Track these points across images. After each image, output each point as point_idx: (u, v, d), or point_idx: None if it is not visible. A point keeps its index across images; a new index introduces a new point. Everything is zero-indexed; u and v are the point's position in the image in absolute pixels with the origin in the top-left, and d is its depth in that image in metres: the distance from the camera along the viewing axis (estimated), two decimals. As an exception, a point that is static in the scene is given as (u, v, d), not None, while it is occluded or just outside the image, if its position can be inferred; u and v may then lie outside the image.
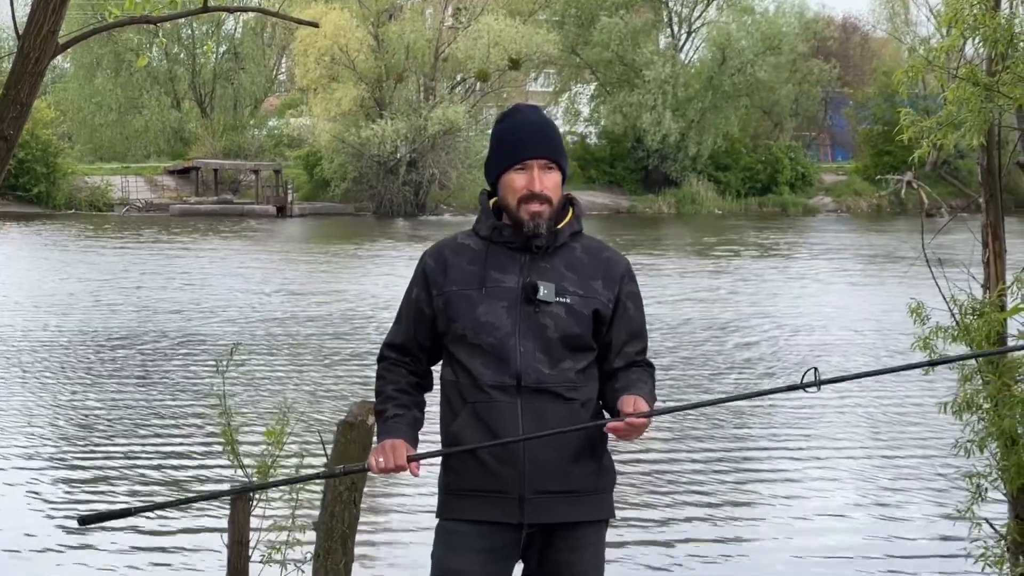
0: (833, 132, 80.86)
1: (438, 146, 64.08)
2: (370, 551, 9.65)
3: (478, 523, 4.05)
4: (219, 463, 11.79)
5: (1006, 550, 6.40)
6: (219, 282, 30.44)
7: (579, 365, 4.09)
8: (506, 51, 65.52)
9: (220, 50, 76.94)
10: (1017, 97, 6.10)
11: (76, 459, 12.90)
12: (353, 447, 5.44)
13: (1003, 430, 6.17)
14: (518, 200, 4.09)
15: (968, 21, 6.09)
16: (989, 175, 6.65)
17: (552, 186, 4.12)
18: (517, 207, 4.09)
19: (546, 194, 4.09)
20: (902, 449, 13.45)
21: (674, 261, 37.72)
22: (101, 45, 70.26)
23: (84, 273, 32.49)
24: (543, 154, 4.12)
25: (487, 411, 4.03)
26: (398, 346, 4.24)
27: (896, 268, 32.96)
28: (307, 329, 22.35)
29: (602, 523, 4.19)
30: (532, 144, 4.12)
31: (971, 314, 6.35)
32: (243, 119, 75.97)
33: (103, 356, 19.20)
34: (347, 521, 5.52)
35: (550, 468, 4.02)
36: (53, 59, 5.22)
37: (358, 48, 64.49)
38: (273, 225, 56.63)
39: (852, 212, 68.21)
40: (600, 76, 71.79)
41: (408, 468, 4.03)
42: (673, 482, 12.12)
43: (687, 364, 18.54)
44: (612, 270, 4.18)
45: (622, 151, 70.02)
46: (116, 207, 63.41)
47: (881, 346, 20.24)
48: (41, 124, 60.75)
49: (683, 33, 74.05)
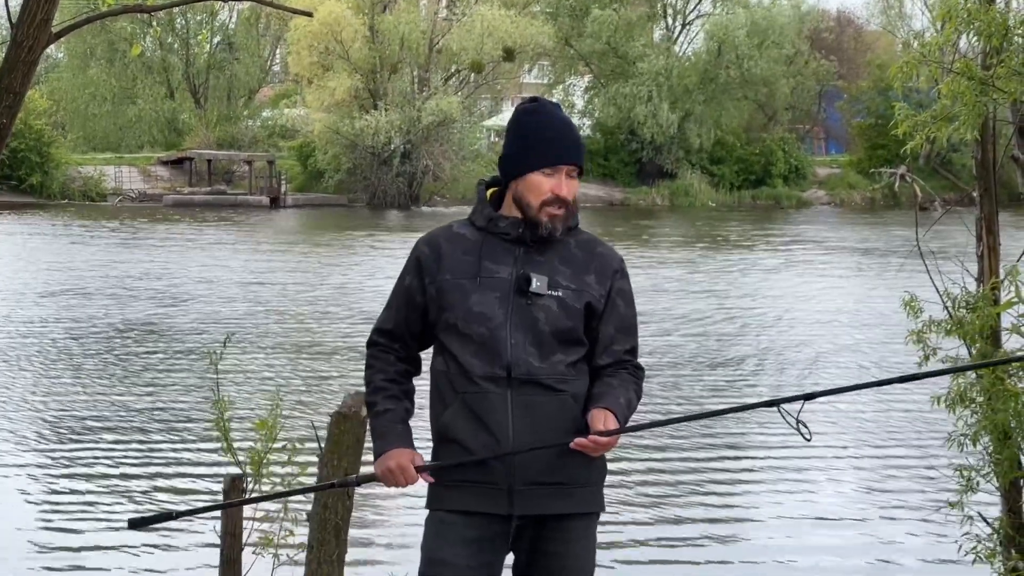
0: (827, 125, 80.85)
1: (432, 137, 64.02)
2: (363, 542, 9.65)
3: (467, 514, 4.05)
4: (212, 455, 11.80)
5: (998, 543, 6.41)
6: (210, 273, 30.41)
7: (570, 359, 4.09)
8: (500, 42, 65.45)
9: (214, 40, 76.83)
10: (1012, 91, 6.10)
11: (59, 452, 12.88)
12: (347, 438, 5.44)
13: (996, 424, 6.17)
14: (541, 202, 4.10)
15: (963, 15, 6.09)
16: (984, 169, 6.65)
17: (574, 191, 4.15)
18: (538, 208, 4.10)
19: (569, 199, 4.12)
20: (893, 442, 13.48)
21: (666, 254, 37.71)
22: (95, 34, 70.18)
23: (74, 263, 32.44)
24: (574, 161, 4.14)
25: (477, 402, 4.03)
26: (388, 331, 4.24)
27: (890, 261, 32.98)
28: (298, 320, 22.35)
29: (592, 516, 4.18)
30: (566, 150, 4.13)
31: (965, 308, 6.36)
32: (237, 110, 75.90)
33: (92, 346, 19.18)
34: (340, 512, 5.52)
35: (540, 460, 4.01)
36: (47, 48, 5.20)
37: (352, 38, 64.39)
38: (266, 216, 56.58)
39: (846, 205, 68.25)
40: (594, 68, 71.76)
41: (419, 481, 4.09)
42: (663, 480, 12.14)
43: (674, 364, 18.49)
44: (605, 265, 4.18)
45: (616, 143, 69.98)
46: (109, 197, 63.35)
47: (875, 340, 20.26)
48: (35, 114, 60.62)
49: (677, 25, 74.03)
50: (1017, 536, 6.45)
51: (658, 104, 67.25)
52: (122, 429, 13.73)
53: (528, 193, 4.12)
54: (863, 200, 68.43)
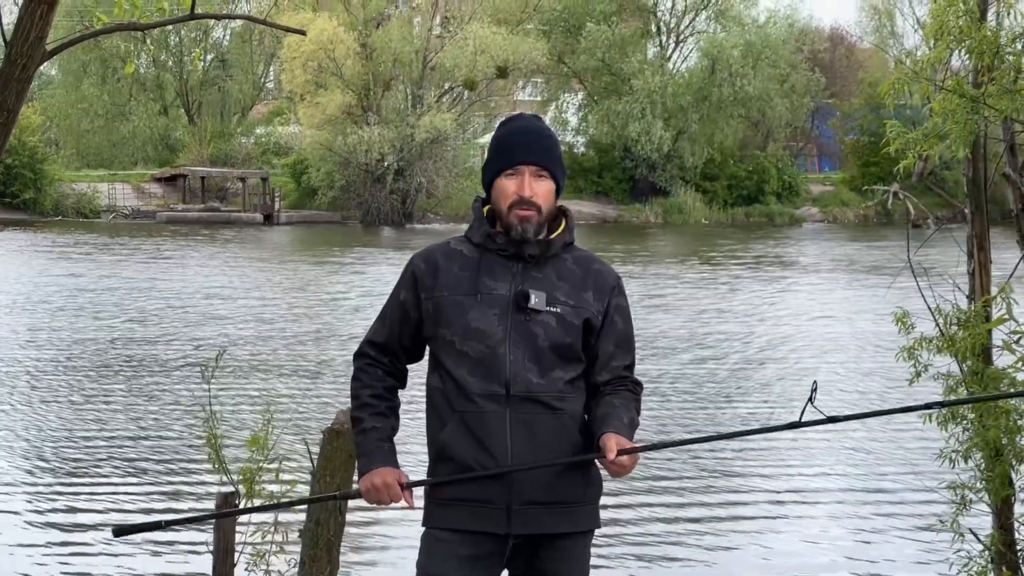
0: (820, 143, 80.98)
1: (426, 155, 63.98)
2: (355, 559, 9.64)
3: (464, 532, 4.05)
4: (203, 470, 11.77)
5: (990, 560, 6.41)
6: (203, 290, 30.38)
7: (568, 375, 4.09)
8: (493, 59, 65.50)
9: (208, 57, 76.82)
10: (1003, 109, 6.12)
11: (52, 467, 12.85)
12: (339, 454, 5.44)
13: (988, 440, 6.19)
14: (508, 205, 4.10)
15: (954, 33, 6.11)
16: (975, 186, 6.67)
17: (543, 193, 4.12)
18: (507, 212, 4.10)
19: (536, 200, 4.09)
20: (884, 459, 13.47)
21: (661, 271, 37.72)
22: (88, 52, 70.10)
23: (66, 280, 32.39)
24: (534, 160, 4.12)
25: (475, 421, 4.03)
26: (380, 345, 4.23)
27: (882, 279, 33.00)
28: (290, 337, 22.32)
29: (588, 533, 4.19)
30: (524, 149, 4.13)
31: (956, 325, 6.37)
32: (231, 126, 75.85)
33: (84, 363, 19.15)
34: (332, 528, 5.52)
35: (538, 479, 4.02)
36: (40, 66, 5.21)
37: (345, 55, 64.43)
38: (259, 233, 56.52)
39: (839, 222, 68.28)
40: (588, 85, 71.84)
41: (403, 499, 4.06)
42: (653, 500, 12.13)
43: (672, 384, 18.49)
44: (602, 282, 4.19)
45: (610, 161, 70.01)
46: (103, 214, 63.25)
47: (867, 359, 20.27)
48: (28, 130, 60.57)
49: (671, 43, 74.12)
50: (1008, 553, 6.45)
51: (652, 121, 67.29)
52: (111, 447, 13.70)
53: (498, 199, 4.14)
54: (856, 217, 68.50)
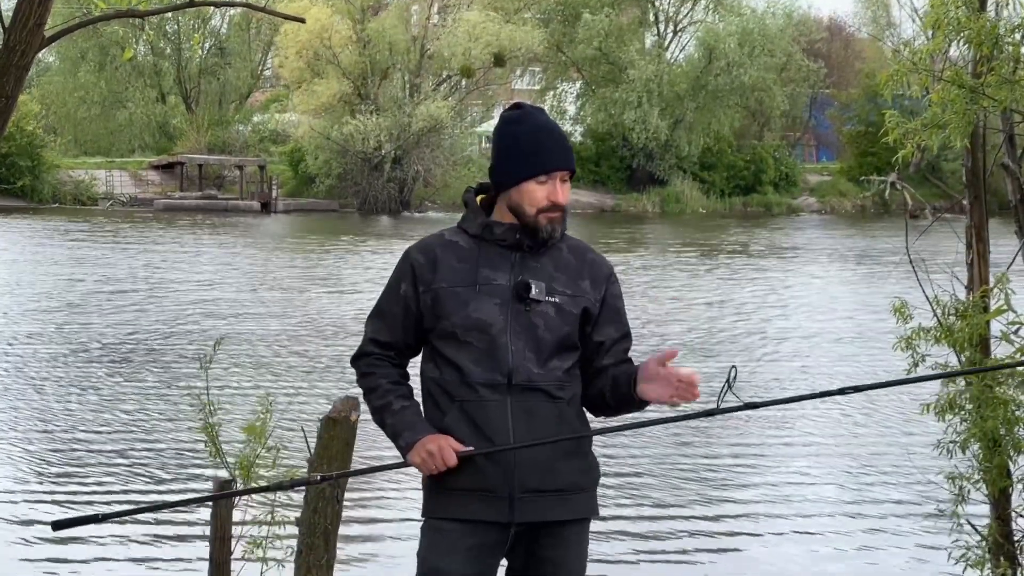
0: (817, 133, 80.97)
1: (423, 143, 63.95)
2: (352, 548, 9.64)
3: (466, 522, 4.05)
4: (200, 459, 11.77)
5: (987, 551, 6.42)
6: (199, 278, 30.36)
7: (566, 364, 4.11)
8: (490, 48, 65.40)
9: (206, 45, 76.71)
10: (1002, 99, 6.11)
11: (51, 457, 12.84)
12: (336, 442, 5.43)
13: (985, 431, 6.19)
14: (538, 210, 4.11)
15: (953, 23, 6.10)
16: (974, 177, 6.67)
17: (567, 195, 4.18)
18: (535, 215, 4.11)
19: (564, 204, 4.15)
20: (881, 449, 13.49)
21: (658, 261, 37.73)
22: (86, 39, 69.97)
23: (61, 269, 32.36)
24: (566, 166, 4.15)
25: (476, 410, 4.03)
26: (383, 342, 4.20)
27: (880, 269, 33.01)
28: (287, 326, 22.32)
29: (586, 521, 4.20)
30: (557, 156, 4.14)
31: (954, 315, 6.37)
32: (228, 114, 75.78)
33: (80, 354, 19.15)
34: (330, 517, 5.51)
35: (540, 467, 4.03)
36: (39, 52, 5.20)
37: (342, 43, 64.34)
38: (257, 221, 56.48)
39: (836, 212, 68.31)
40: (586, 74, 71.78)
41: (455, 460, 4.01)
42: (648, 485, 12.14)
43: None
44: (598, 271, 4.21)
45: (607, 150, 69.96)
46: (100, 201, 63.19)
47: (862, 348, 20.28)
48: (26, 117, 60.47)
49: (669, 32, 74.06)
50: (1006, 543, 6.46)
51: (648, 110, 67.24)
52: (106, 438, 13.69)
53: (524, 202, 4.12)
54: (853, 207, 68.53)
